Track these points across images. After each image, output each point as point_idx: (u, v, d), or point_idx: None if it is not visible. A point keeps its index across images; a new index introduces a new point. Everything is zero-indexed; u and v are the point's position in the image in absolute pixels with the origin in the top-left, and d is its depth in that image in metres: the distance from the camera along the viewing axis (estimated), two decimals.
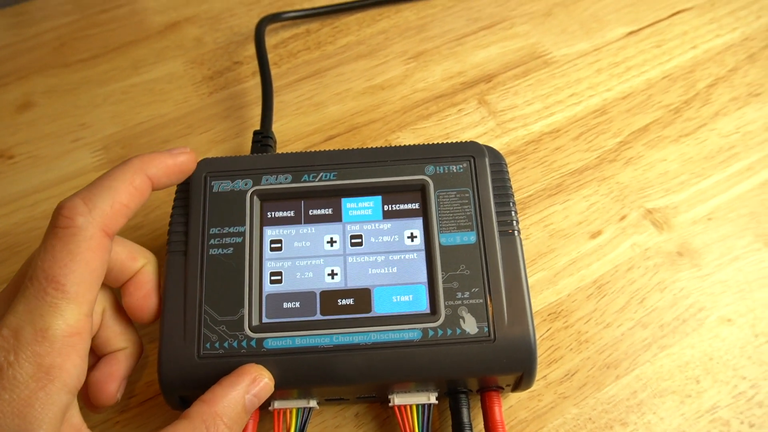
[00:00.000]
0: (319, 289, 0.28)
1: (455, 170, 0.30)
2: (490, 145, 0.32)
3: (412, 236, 0.29)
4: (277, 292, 0.28)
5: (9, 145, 0.40)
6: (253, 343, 0.27)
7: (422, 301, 0.28)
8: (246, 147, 0.39)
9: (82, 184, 0.38)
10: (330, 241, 0.29)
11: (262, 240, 0.29)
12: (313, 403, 0.28)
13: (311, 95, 0.42)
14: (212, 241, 0.29)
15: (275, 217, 0.30)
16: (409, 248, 0.29)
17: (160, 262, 0.29)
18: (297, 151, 0.39)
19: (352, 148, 0.32)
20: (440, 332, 0.27)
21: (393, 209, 0.30)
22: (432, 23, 0.45)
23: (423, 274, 0.28)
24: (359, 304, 0.28)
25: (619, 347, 0.32)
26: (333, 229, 0.30)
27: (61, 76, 0.43)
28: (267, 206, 0.30)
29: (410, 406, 0.28)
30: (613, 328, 0.32)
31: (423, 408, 0.28)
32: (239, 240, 0.29)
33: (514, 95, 0.41)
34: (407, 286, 0.28)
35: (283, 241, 0.29)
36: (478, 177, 0.30)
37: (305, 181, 0.30)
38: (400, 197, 0.30)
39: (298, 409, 0.28)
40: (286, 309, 0.28)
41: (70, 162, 0.39)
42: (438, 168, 0.30)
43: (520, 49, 0.43)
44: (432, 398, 0.28)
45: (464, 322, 0.27)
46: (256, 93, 0.41)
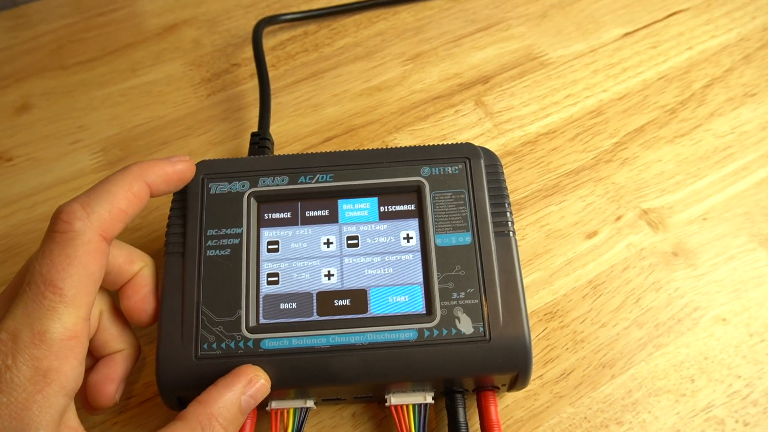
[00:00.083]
0: (315, 289, 0.29)
1: (451, 171, 0.30)
2: (487, 146, 0.32)
3: (408, 237, 0.29)
4: (274, 293, 0.28)
5: (7, 147, 0.40)
6: (250, 344, 0.27)
7: (418, 301, 0.28)
8: (244, 148, 0.39)
9: (81, 185, 0.39)
10: (326, 243, 0.29)
11: (259, 241, 0.30)
12: (310, 403, 0.28)
13: (309, 97, 0.42)
14: (209, 243, 0.29)
15: (272, 218, 0.30)
16: (405, 249, 0.29)
17: (159, 263, 0.29)
18: (294, 152, 0.39)
19: (349, 149, 0.32)
20: (436, 332, 0.27)
21: (389, 210, 0.30)
22: (429, 25, 0.45)
23: (419, 275, 0.29)
24: (356, 305, 0.28)
25: (614, 347, 0.32)
26: (329, 230, 0.30)
27: (60, 79, 0.44)
28: (264, 208, 0.30)
29: (407, 405, 0.28)
30: (609, 327, 0.33)
31: (419, 408, 0.28)
32: (236, 241, 0.29)
33: (511, 96, 0.41)
34: (403, 286, 0.28)
35: (279, 243, 0.30)
36: (473, 178, 0.30)
37: (302, 183, 0.30)
38: (396, 198, 0.30)
39: (295, 409, 0.28)
40: (283, 310, 0.28)
41: (69, 164, 0.39)
42: (434, 169, 0.30)
43: (516, 51, 0.43)
44: (428, 398, 0.28)
45: (460, 322, 0.27)
46: (254, 95, 0.41)
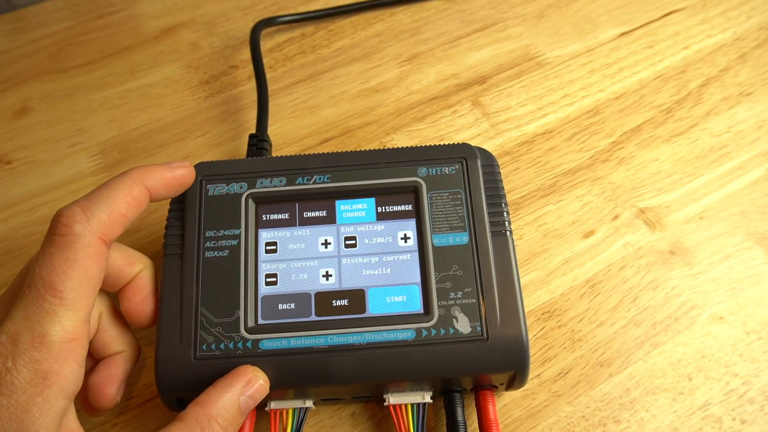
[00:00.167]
0: (313, 290, 0.29)
1: (447, 172, 0.30)
2: (484, 147, 0.32)
3: (405, 237, 0.30)
4: (273, 294, 0.29)
5: (6, 150, 0.41)
6: (249, 345, 0.27)
7: (416, 301, 0.28)
8: (242, 150, 0.39)
9: (80, 188, 0.39)
10: (324, 243, 0.30)
11: (257, 242, 0.30)
12: (309, 404, 0.28)
13: (306, 98, 0.42)
14: (208, 244, 0.29)
15: (270, 219, 0.30)
16: (403, 249, 0.29)
17: (158, 265, 0.30)
18: (292, 154, 0.39)
19: (347, 150, 0.32)
20: (434, 332, 0.27)
21: (386, 211, 0.30)
22: (426, 26, 0.45)
23: (416, 275, 0.29)
24: (354, 305, 0.28)
25: (612, 345, 0.32)
26: (327, 231, 0.30)
27: (58, 82, 0.44)
28: (262, 209, 0.30)
29: (405, 405, 0.28)
30: (606, 326, 0.33)
31: (418, 407, 0.28)
32: (234, 242, 0.29)
33: (508, 97, 0.41)
34: (401, 286, 0.29)
35: (277, 243, 0.30)
36: (470, 178, 0.30)
37: (299, 184, 0.30)
38: (394, 199, 0.30)
39: (294, 410, 0.28)
40: (282, 310, 0.28)
41: (68, 167, 0.40)
42: (430, 170, 0.30)
43: (513, 51, 0.44)
44: (427, 397, 0.28)
45: (457, 321, 0.27)
46: (252, 97, 0.41)
